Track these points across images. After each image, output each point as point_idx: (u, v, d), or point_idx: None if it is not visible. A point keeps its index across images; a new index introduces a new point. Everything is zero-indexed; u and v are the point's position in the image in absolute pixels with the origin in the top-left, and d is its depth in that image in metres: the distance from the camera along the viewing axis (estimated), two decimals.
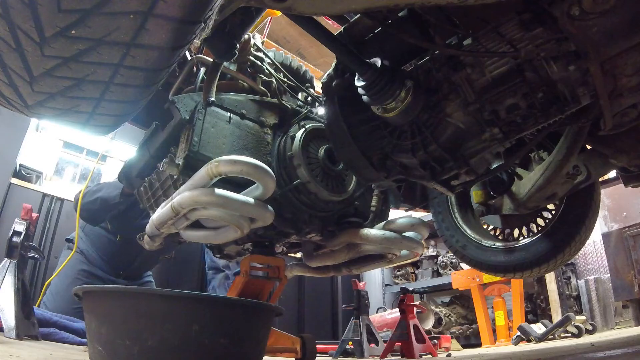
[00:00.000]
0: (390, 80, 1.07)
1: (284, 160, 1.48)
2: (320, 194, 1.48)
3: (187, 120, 1.31)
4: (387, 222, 1.61)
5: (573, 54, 0.95)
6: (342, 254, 1.66)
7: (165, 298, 0.91)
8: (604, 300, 4.24)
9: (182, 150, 1.30)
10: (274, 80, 1.64)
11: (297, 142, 1.48)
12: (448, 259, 4.88)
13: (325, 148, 1.53)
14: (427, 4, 0.80)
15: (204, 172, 1.17)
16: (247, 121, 1.46)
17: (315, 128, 1.56)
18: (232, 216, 1.25)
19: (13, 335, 1.61)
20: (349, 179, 1.61)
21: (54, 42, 0.79)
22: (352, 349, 2.75)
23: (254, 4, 0.82)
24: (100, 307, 0.94)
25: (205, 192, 1.17)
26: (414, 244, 1.60)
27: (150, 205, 1.57)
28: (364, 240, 1.52)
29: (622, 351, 1.55)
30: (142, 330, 0.87)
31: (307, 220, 1.52)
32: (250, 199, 1.24)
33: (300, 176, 1.46)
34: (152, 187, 1.54)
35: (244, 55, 1.61)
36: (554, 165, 1.47)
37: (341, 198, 1.55)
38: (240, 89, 1.57)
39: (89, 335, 0.95)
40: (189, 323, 0.88)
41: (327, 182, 1.52)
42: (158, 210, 1.37)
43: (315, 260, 1.77)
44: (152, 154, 1.51)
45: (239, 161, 1.16)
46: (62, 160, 3.98)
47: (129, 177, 1.66)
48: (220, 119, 1.38)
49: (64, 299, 2.43)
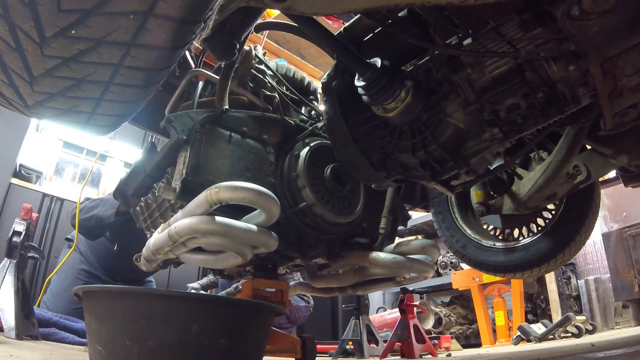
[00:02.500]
0: (390, 80, 1.07)
1: (288, 181, 1.40)
2: (327, 217, 1.40)
3: (185, 141, 1.23)
4: (397, 244, 1.53)
5: (573, 54, 0.95)
6: (348, 277, 1.59)
7: (165, 298, 0.91)
8: (604, 300, 4.24)
9: (179, 173, 1.22)
10: (277, 95, 1.56)
11: (302, 161, 1.40)
12: (448, 259, 4.88)
13: (331, 167, 1.45)
14: (427, 4, 0.80)
15: (202, 199, 1.10)
16: (248, 140, 1.38)
17: (321, 146, 1.48)
18: (233, 244, 1.17)
19: (13, 335, 1.61)
20: (356, 199, 1.53)
21: (54, 42, 0.79)
22: (352, 349, 2.75)
23: (254, 4, 0.82)
24: (100, 307, 0.94)
25: (204, 220, 1.09)
26: (425, 267, 1.53)
27: (147, 226, 1.49)
28: (372, 265, 1.45)
29: (622, 351, 1.55)
30: (142, 330, 0.87)
31: (313, 243, 1.44)
32: (252, 227, 1.16)
33: (305, 198, 1.38)
34: (149, 208, 1.45)
35: (245, 69, 1.53)
36: (554, 165, 1.47)
37: (348, 220, 1.48)
38: (241, 104, 1.49)
39: (89, 335, 0.95)
40: (189, 323, 0.88)
41: (333, 204, 1.44)
42: (155, 234, 1.29)
43: (320, 282, 1.70)
44: (148, 173, 1.43)
45: (240, 188, 1.08)
46: (62, 160, 3.98)
47: (125, 195, 1.56)
48: (219, 138, 1.30)
49: (64, 298, 2.43)
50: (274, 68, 1.67)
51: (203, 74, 1.49)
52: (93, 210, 2.46)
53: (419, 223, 4.95)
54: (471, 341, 4.50)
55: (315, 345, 1.58)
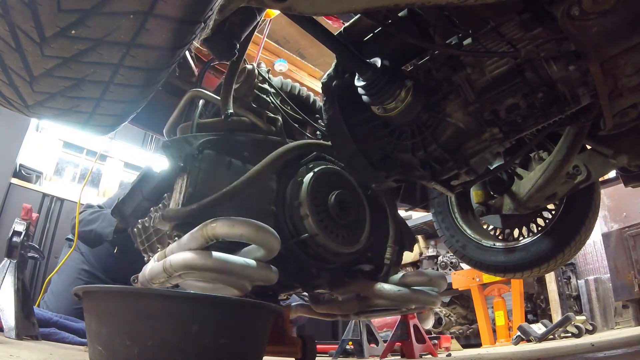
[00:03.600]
0: (390, 80, 1.07)
1: (290, 209, 1.34)
2: (330, 247, 1.34)
3: (182, 168, 1.17)
4: (403, 275, 1.47)
5: (573, 54, 0.95)
6: (352, 305, 1.53)
7: (165, 298, 0.91)
8: (604, 300, 4.25)
9: (175, 202, 1.17)
10: (280, 118, 1.50)
11: (305, 189, 1.33)
12: (448, 259, 4.88)
13: (336, 194, 1.38)
14: (427, 4, 0.80)
15: (198, 235, 1.05)
16: (249, 166, 1.30)
17: (325, 171, 1.41)
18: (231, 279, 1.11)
19: (13, 335, 1.61)
20: (361, 227, 1.47)
21: (54, 42, 0.79)
22: (352, 349, 2.75)
23: (254, 4, 0.82)
24: (100, 307, 0.94)
25: (200, 256, 1.03)
26: (431, 299, 1.46)
27: (144, 249, 1.45)
28: (376, 296, 1.39)
29: (622, 351, 1.55)
30: (142, 330, 0.87)
31: (315, 273, 1.39)
32: (251, 262, 1.10)
33: (307, 228, 1.31)
34: (146, 231, 1.40)
35: (248, 89, 1.46)
36: (554, 165, 1.47)
37: (353, 250, 1.42)
38: (243, 126, 1.42)
39: (89, 335, 0.95)
40: (189, 323, 0.88)
41: (337, 233, 1.37)
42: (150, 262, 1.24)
43: (323, 307, 1.64)
44: (145, 196, 1.38)
45: (238, 224, 1.03)
46: (62, 160, 3.98)
47: (123, 214, 1.51)
48: (218, 164, 1.24)
49: (65, 298, 2.43)
50: (278, 86, 1.61)
51: (203, 95, 1.42)
52: (92, 224, 2.45)
53: (419, 223, 4.95)
54: (471, 341, 4.50)
55: (315, 345, 1.57)
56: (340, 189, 1.41)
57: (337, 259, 1.41)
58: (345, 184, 1.47)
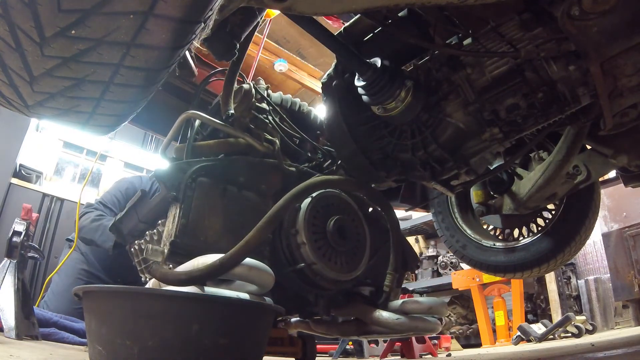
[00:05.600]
0: (390, 80, 1.07)
1: (287, 236, 1.30)
2: (328, 275, 1.30)
3: (174, 197, 1.14)
4: (403, 302, 1.43)
5: (573, 54, 0.95)
6: (350, 329, 1.50)
7: (165, 298, 0.91)
8: (604, 300, 4.25)
9: (168, 235, 1.14)
10: (278, 141, 1.45)
11: (302, 215, 1.29)
12: (448, 259, 4.88)
13: (334, 220, 1.33)
14: (427, 4, 0.80)
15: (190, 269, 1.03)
16: (245, 192, 1.27)
17: (324, 195, 1.36)
18: None
19: (13, 335, 1.61)
20: (360, 253, 1.42)
21: (54, 42, 0.79)
22: (352, 349, 2.75)
23: (254, 4, 0.82)
24: (100, 307, 0.94)
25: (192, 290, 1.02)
26: (430, 327, 1.42)
27: (141, 270, 1.43)
28: (374, 324, 1.36)
29: (622, 351, 1.55)
30: (142, 330, 0.87)
31: (312, 301, 1.37)
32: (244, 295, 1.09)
33: (304, 256, 1.27)
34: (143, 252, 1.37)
35: (245, 109, 1.41)
36: (554, 165, 1.47)
37: (352, 277, 1.38)
38: (239, 148, 1.37)
39: (89, 335, 0.95)
40: (189, 323, 0.88)
41: (335, 261, 1.33)
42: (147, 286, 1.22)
43: (322, 327, 1.62)
44: (140, 219, 1.36)
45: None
46: (62, 160, 3.98)
47: (120, 232, 1.50)
48: (213, 192, 1.20)
49: (65, 298, 2.43)
50: (278, 102, 1.55)
51: (198, 117, 1.37)
52: (93, 233, 2.45)
53: (419, 223, 4.96)
54: (471, 341, 4.50)
55: (315, 345, 1.57)
56: (339, 214, 1.37)
57: (335, 286, 1.38)
58: (344, 208, 1.42)
